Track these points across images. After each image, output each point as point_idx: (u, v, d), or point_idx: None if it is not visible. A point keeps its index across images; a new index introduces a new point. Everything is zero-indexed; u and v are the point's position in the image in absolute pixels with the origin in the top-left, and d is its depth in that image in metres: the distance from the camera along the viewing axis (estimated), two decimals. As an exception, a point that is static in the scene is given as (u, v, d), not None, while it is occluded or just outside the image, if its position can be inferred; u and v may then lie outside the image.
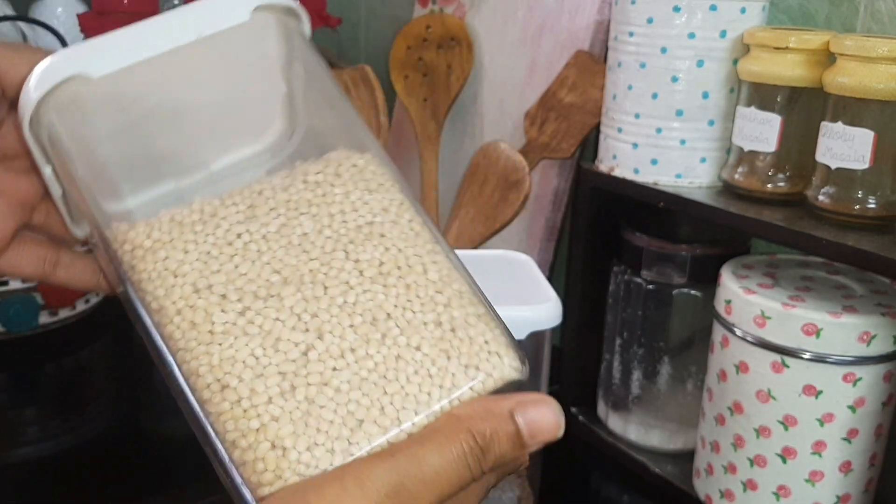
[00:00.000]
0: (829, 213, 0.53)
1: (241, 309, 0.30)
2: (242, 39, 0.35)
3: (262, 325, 0.30)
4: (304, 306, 0.31)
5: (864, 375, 0.52)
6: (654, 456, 0.67)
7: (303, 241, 0.32)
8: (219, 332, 0.30)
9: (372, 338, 0.30)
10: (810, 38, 0.54)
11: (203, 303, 0.31)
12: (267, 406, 0.29)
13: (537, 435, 0.30)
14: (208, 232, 0.32)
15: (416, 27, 0.83)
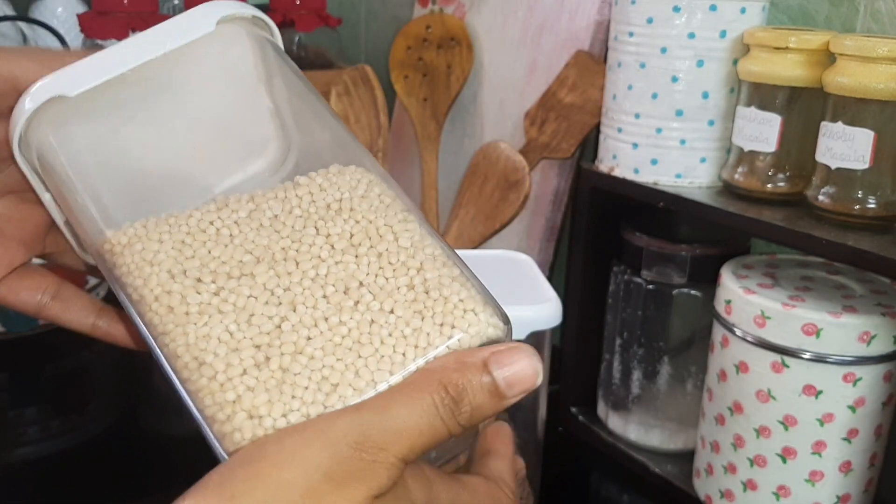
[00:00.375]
0: (829, 213, 0.53)
1: (216, 289, 0.31)
2: (212, 52, 0.35)
3: (235, 303, 0.31)
4: (276, 282, 0.31)
5: (864, 375, 0.52)
6: (654, 456, 0.67)
7: (273, 222, 0.33)
8: (194, 313, 0.30)
9: (345, 306, 0.30)
10: (810, 38, 0.54)
11: (178, 287, 0.31)
12: (242, 378, 0.29)
13: (515, 385, 0.29)
14: (181, 223, 0.33)
15: (417, 27, 0.83)
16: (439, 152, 0.81)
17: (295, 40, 0.97)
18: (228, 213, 0.33)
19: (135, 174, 0.36)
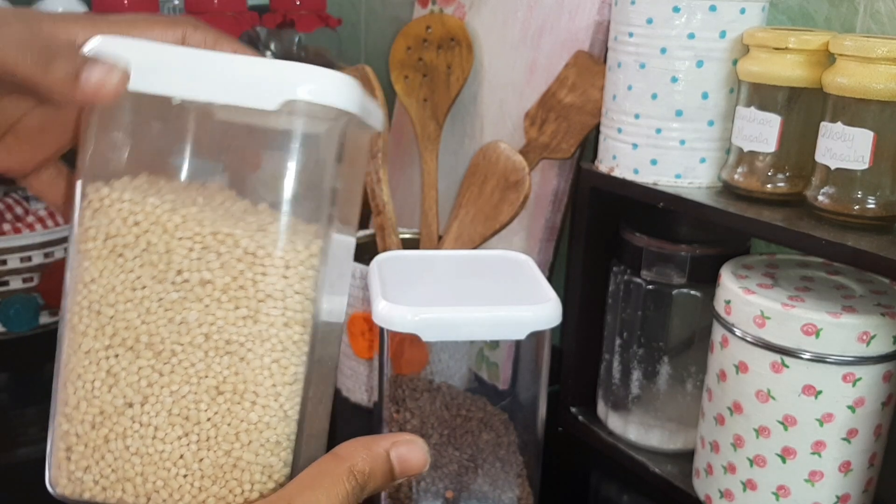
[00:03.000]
0: (828, 213, 0.53)
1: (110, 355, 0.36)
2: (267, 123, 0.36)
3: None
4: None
5: (864, 375, 0.52)
6: (653, 456, 0.67)
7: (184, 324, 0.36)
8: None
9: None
10: (810, 38, 0.54)
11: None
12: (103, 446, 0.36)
13: (407, 470, 0.36)
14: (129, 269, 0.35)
15: (416, 27, 0.83)
16: (439, 152, 0.81)
17: (295, 41, 0.98)
18: (163, 288, 0.36)
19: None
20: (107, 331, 0.35)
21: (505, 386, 0.78)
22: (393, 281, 0.55)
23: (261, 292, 0.35)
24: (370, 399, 0.76)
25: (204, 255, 0.35)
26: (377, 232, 0.76)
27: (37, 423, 0.74)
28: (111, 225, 0.35)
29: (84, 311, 0.35)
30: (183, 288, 0.35)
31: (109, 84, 0.33)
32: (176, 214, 0.35)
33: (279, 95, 0.33)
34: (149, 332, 0.35)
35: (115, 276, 0.35)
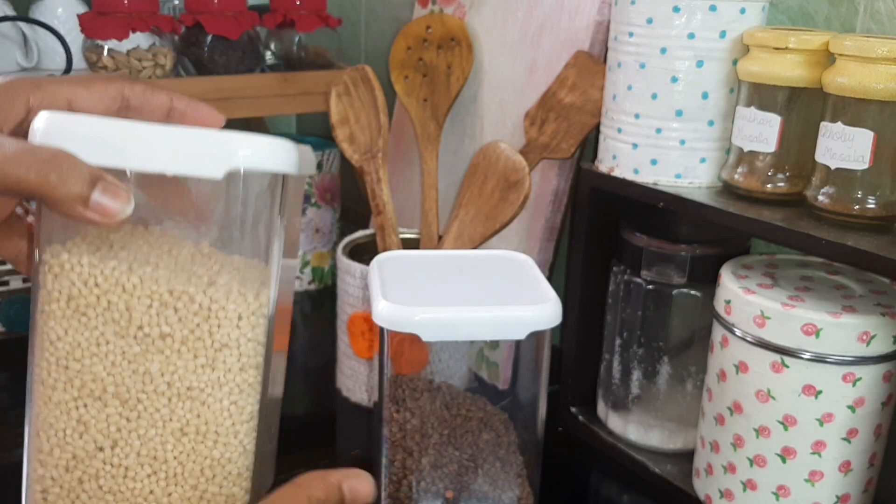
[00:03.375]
0: (828, 213, 0.53)
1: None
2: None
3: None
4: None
5: (864, 375, 0.52)
6: (653, 456, 0.67)
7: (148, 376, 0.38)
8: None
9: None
10: (810, 38, 0.54)
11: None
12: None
13: (356, 499, 0.40)
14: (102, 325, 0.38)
15: (416, 27, 0.83)
16: (439, 152, 0.81)
17: (295, 41, 0.98)
18: (127, 343, 0.38)
19: None
20: (75, 383, 0.38)
21: (505, 386, 0.78)
22: (393, 281, 0.55)
23: (217, 342, 0.38)
24: (370, 399, 0.76)
25: (162, 311, 0.37)
26: (377, 232, 0.76)
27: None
28: (73, 288, 0.37)
29: (52, 366, 0.38)
30: (144, 342, 0.37)
31: (115, 208, 0.35)
32: (133, 275, 0.37)
33: (224, 165, 0.35)
34: (115, 383, 0.38)
35: (79, 333, 0.37)
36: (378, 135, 0.75)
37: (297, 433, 0.73)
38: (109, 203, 0.35)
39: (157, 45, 0.86)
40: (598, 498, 0.68)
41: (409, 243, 0.79)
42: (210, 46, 0.88)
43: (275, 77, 0.91)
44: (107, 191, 0.35)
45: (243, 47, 0.90)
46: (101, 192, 0.35)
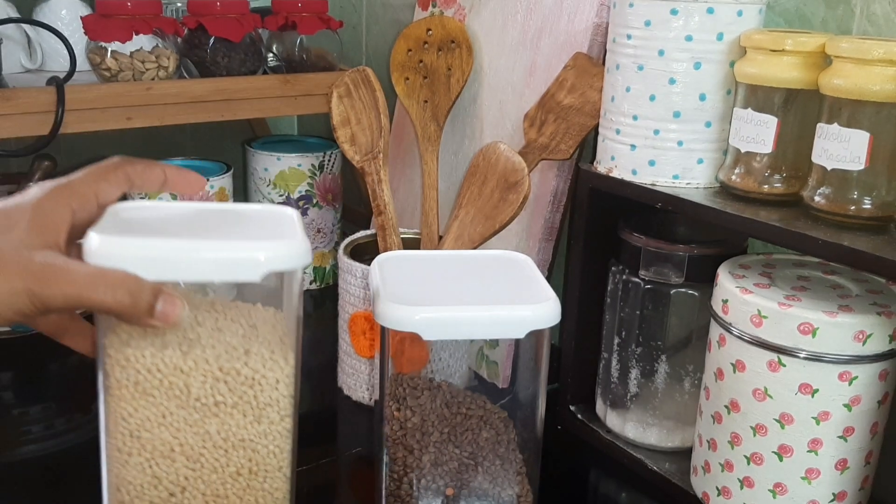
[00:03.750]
0: (824, 213, 0.53)
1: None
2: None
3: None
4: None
5: (860, 374, 0.53)
6: (651, 454, 0.68)
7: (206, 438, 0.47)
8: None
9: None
10: (806, 40, 0.55)
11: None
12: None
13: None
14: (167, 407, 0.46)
15: (417, 30, 0.84)
16: (439, 153, 0.82)
17: (297, 43, 0.98)
18: (188, 413, 0.46)
19: None
20: (147, 448, 0.46)
21: (504, 384, 0.78)
22: (394, 280, 0.55)
23: (261, 403, 0.46)
24: (371, 397, 0.77)
25: (215, 384, 0.45)
26: (378, 232, 0.77)
27: (39, 421, 0.74)
28: (138, 375, 0.45)
29: (126, 437, 0.45)
30: (202, 410, 0.46)
31: (175, 315, 0.43)
32: (188, 358, 0.45)
33: (262, 268, 0.43)
34: (180, 444, 0.46)
35: (147, 409, 0.45)
36: (379, 136, 0.75)
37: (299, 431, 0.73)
38: (170, 312, 0.43)
39: (160, 47, 0.87)
40: (597, 495, 0.68)
41: (409, 243, 0.80)
42: (212, 48, 0.89)
43: (277, 79, 0.91)
44: (167, 302, 0.42)
45: (245, 49, 0.91)
46: (162, 304, 0.42)
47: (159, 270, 0.42)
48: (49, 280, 0.41)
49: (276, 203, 1.00)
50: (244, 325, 0.47)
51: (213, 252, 0.43)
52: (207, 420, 0.46)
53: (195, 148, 1.24)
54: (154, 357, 0.45)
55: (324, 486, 0.67)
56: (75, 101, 0.80)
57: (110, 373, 0.45)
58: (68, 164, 0.99)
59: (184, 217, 0.49)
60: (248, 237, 0.45)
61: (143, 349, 0.45)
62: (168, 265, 0.43)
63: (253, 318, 0.48)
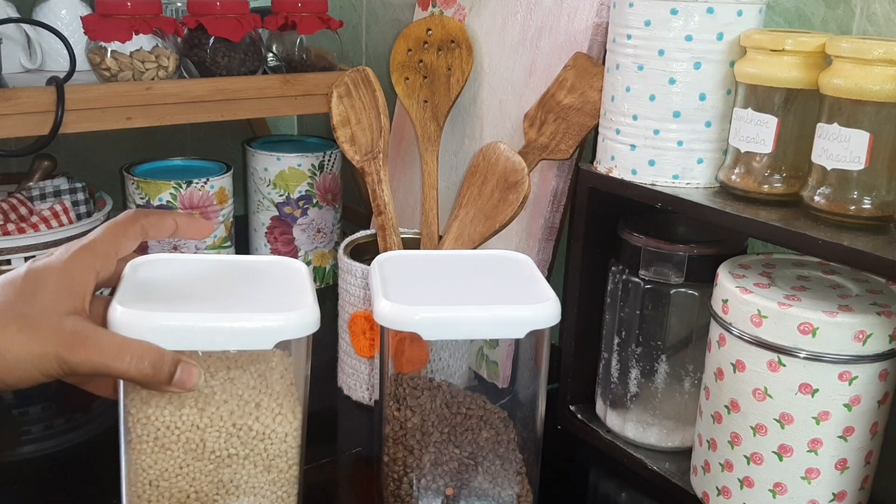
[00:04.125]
0: (824, 213, 0.53)
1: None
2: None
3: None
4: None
5: (860, 374, 0.53)
6: (651, 453, 0.68)
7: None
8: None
9: None
10: (806, 40, 0.55)
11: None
12: None
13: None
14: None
15: (417, 30, 0.84)
16: (439, 153, 0.82)
17: (297, 43, 0.98)
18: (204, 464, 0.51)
19: None
20: (165, 495, 0.50)
21: (504, 384, 0.78)
22: (394, 280, 0.55)
23: (271, 454, 0.51)
24: (371, 397, 0.77)
25: (228, 439, 0.50)
26: (378, 232, 0.77)
27: (40, 421, 0.74)
28: (158, 432, 0.49)
29: (146, 486, 0.50)
30: (216, 461, 0.50)
31: (192, 382, 0.46)
32: (204, 416, 0.49)
33: (273, 338, 0.47)
34: (195, 491, 0.50)
35: (165, 461, 0.49)
36: (379, 136, 0.75)
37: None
38: (187, 380, 0.46)
39: (159, 47, 0.87)
40: (597, 495, 0.68)
41: (409, 243, 0.80)
42: (212, 48, 0.89)
43: (277, 79, 0.91)
44: (184, 371, 0.46)
45: (245, 49, 0.91)
46: (180, 372, 0.46)
47: (179, 341, 0.46)
48: (78, 347, 0.44)
49: (276, 203, 1.00)
50: (254, 373, 0.51)
51: (228, 323, 0.47)
52: (221, 470, 0.50)
53: (195, 148, 1.24)
54: (173, 416, 0.49)
55: (324, 486, 0.67)
56: (75, 100, 0.80)
57: (132, 429, 0.49)
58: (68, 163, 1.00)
59: (198, 277, 0.52)
60: (262, 304, 0.49)
61: (162, 408, 0.49)
62: (187, 336, 0.46)
63: (262, 365, 0.51)
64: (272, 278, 0.53)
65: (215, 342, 0.47)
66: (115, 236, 0.50)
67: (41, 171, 0.94)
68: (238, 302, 0.49)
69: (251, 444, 0.50)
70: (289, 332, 0.47)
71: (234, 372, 0.50)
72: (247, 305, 0.49)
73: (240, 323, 0.47)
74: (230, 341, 0.47)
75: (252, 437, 0.50)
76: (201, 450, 0.50)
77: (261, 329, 0.47)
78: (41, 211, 0.87)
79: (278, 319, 0.47)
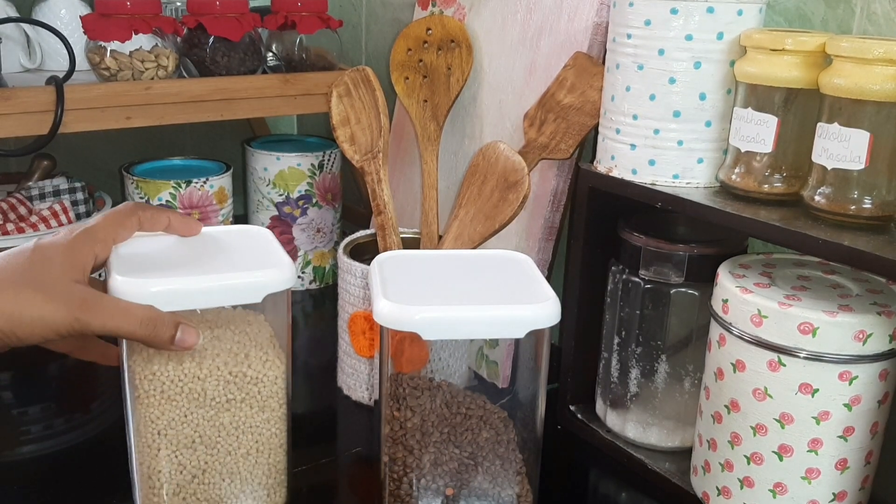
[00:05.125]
0: (825, 213, 0.53)
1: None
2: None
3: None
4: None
5: (860, 374, 0.53)
6: (651, 453, 0.68)
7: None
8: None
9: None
10: (806, 39, 0.55)
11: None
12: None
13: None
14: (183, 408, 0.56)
15: (417, 29, 0.84)
16: (439, 153, 0.82)
17: (296, 42, 0.98)
18: (202, 412, 0.57)
19: None
20: (172, 441, 0.55)
21: (504, 384, 0.78)
22: (393, 280, 0.55)
23: (265, 396, 0.57)
24: (371, 397, 0.77)
25: (226, 386, 0.56)
26: (378, 232, 0.77)
27: (39, 421, 0.74)
28: (162, 385, 0.54)
29: (154, 434, 0.55)
30: (216, 406, 0.56)
31: (192, 342, 0.52)
32: (203, 367, 0.55)
33: (263, 292, 0.54)
34: (199, 435, 0.56)
35: (171, 411, 0.55)
36: (379, 135, 0.75)
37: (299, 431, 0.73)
38: (187, 339, 0.52)
39: (159, 47, 0.87)
40: (597, 495, 0.68)
41: (409, 243, 0.80)
42: (212, 48, 0.89)
43: (276, 78, 0.91)
44: (185, 332, 0.52)
45: (245, 49, 0.91)
46: (181, 333, 0.52)
47: (179, 303, 0.52)
48: (91, 310, 0.49)
49: (275, 202, 1.00)
50: (235, 331, 0.57)
51: (220, 283, 0.53)
52: (221, 414, 0.56)
53: (195, 147, 1.24)
54: (176, 370, 0.54)
55: (324, 486, 0.67)
56: (75, 100, 0.80)
57: (139, 386, 0.54)
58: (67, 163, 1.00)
59: (179, 249, 0.57)
60: (245, 265, 0.55)
61: (165, 364, 0.54)
62: (185, 298, 0.52)
63: (241, 324, 0.58)
64: (244, 244, 0.59)
65: (210, 300, 0.53)
66: (115, 225, 0.54)
67: (40, 170, 0.94)
68: (222, 265, 0.55)
69: (246, 388, 0.56)
70: (274, 286, 0.54)
71: (217, 331, 0.56)
72: (232, 266, 0.55)
73: (231, 281, 0.53)
74: (224, 298, 0.54)
75: (247, 382, 0.56)
76: (203, 398, 0.55)
77: (250, 285, 0.53)
78: (40, 210, 0.87)
79: (264, 276, 0.54)
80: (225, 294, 0.53)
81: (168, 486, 0.56)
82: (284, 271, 0.55)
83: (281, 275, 0.54)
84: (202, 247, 0.58)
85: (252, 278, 0.54)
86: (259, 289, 0.54)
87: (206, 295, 0.53)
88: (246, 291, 0.54)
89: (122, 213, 0.55)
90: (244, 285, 0.53)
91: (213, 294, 0.53)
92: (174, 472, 0.56)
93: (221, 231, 0.62)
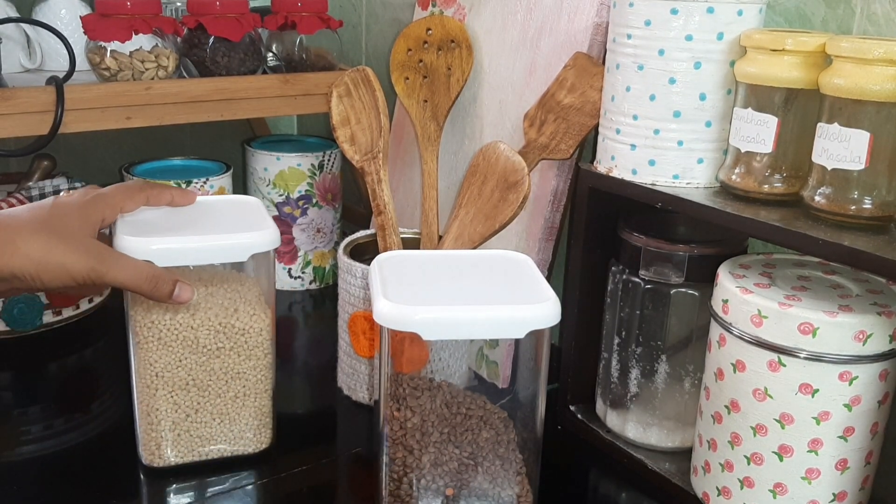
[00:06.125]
0: (825, 213, 0.53)
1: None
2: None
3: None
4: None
5: (860, 374, 0.53)
6: (651, 454, 0.68)
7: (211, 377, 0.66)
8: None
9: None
10: (807, 40, 0.55)
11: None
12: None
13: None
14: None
15: (417, 29, 0.84)
16: (439, 153, 0.82)
17: (296, 42, 0.98)
18: (198, 358, 0.65)
19: None
20: (168, 383, 0.64)
21: (504, 384, 0.78)
22: (393, 280, 0.55)
23: (251, 345, 0.65)
24: (371, 397, 0.77)
25: (216, 335, 0.64)
26: (378, 232, 0.77)
27: (39, 421, 0.74)
28: (160, 333, 0.62)
29: (153, 376, 0.63)
30: (207, 353, 0.64)
31: (187, 298, 0.59)
32: (196, 318, 0.63)
33: (248, 251, 0.61)
34: (192, 378, 0.64)
35: (167, 355, 0.63)
36: (379, 135, 0.75)
37: (299, 431, 0.73)
38: (183, 295, 0.59)
39: (159, 47, 0.87)
40: (597, 495, 0.68)
41: (409, 243, 0.80)
42: (212, 48, 0.89)
43: (276, 78, 0.91)
44: (182, 289, 0.59)
45: (245, 49, 0.91)
46: (178, 290, 0.58)
47: (175, 259, 0.59)
48: (106, 262, 0.55)
49: (275, 202, 1.00)
50: (227, 289, 0.65)
51: (210, 243, 0.60)
52: (212, 361, 0.64)
53: (195, 147, 1.24)
54: (172, 320, 0.62)
55: (324, 486, 0.67)
56: (75, 100, 0.80)
57: (139, 332, 0.62)
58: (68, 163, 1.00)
59: (175, 216, 0.63)
60: (234, 227, 0.62)
61: (162, 314, 0.62)
62: (179, 255, 0.59)
63: (232, 283, 0.65)
64: (234, 211, 0.66)
65: (203, 258, 0.60)
66: (124, 196, 0.61)
67: (41, 170, 0.94)
68: (214, 228, 0.62)
69: (234, 338, 0.64)
70: (258, 246, 0.61)
71: (211, 288, 0.64)
72: (222, 229, 0.62)
73: (220, 241, 0.60)
74: (214, 256, 0.61)
75: (235, 332, 0.64)
76: (196, 345, 0.63)
77: (237, 245, 0.61)
78: (41, 211, 0.87)
79: (250, 238, 0.61)
80: (215, 252, 0.60)
81: (165, 422, 0.64)
82: (268, 234, 0.62)
83: (265, 237, 0.61)
84: (197, 213, 0.65)
85: (239, 239, 0.61)
86: (245, 249, 0.61)
87: (198, 253, 0.60)
88: (233, 251, 0.61)
89: (132, 188, 0.62)
90: (231, 245, 0.60)
91: (205, 252, 0.60)
92: (170, 409, 0.64)
93: (215, 200, 0.69)
